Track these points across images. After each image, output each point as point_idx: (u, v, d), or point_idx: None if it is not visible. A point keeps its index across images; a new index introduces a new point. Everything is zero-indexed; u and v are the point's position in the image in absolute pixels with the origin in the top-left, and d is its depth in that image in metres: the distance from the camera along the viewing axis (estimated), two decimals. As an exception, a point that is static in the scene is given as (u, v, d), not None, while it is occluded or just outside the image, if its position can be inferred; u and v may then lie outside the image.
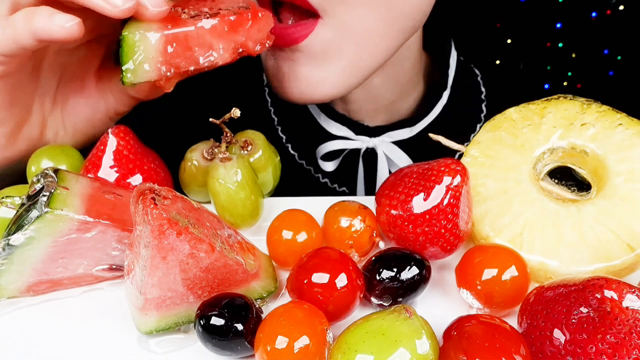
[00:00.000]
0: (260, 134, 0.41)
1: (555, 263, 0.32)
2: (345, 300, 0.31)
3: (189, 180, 0.40)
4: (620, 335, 0.25)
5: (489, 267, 0.31)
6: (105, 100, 0.44)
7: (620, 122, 0.35)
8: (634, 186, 0.33)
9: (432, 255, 0.34)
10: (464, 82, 0.58)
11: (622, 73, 0.73)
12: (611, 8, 0.71)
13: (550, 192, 0.35)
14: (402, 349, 0.26)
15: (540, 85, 0.73)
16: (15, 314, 0.33)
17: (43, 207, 0.31)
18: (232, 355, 0.30)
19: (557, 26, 0.72)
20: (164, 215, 0.28)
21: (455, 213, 0.33)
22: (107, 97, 0.44)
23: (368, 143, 0.55)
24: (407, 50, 0.53)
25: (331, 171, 0.57)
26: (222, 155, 0.37)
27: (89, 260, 0.34)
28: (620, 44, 0.73)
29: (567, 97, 0.37)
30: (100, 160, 0.38)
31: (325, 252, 0.32)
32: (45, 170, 0.33)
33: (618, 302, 0.26)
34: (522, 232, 0.33)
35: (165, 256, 0.29)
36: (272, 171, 0.41)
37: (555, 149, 0.36)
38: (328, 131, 0.56)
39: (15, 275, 0.32)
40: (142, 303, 0.30)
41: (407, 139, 0.56)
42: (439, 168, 0.33)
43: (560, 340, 0.26)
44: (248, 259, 0.32)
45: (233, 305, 0.29)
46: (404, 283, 0.31)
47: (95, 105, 0.44)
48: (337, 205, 0.36)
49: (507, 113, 0.38)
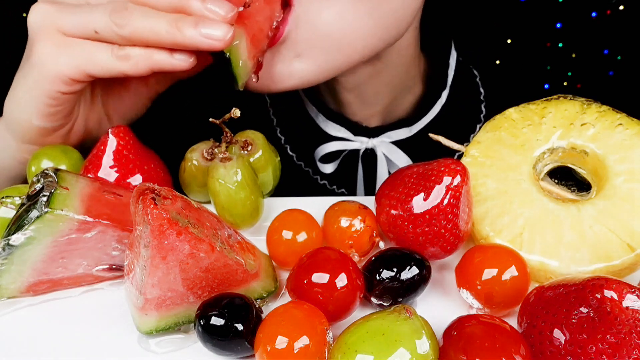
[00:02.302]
0: (260, 134, 0.41)
1: (555, 263, 0.32)
2: (345, 300, 0.31)
3: (189, 180, 0.40)
4: (620, 335, 0.25)
5: (489, 267, 0.31)
6: (146, 84, 0.46)
7: (620, 122, 0.35)
8: (634, 186, 0.33)
9: (432, 255, 0.34)
10: (463, 82, 0.58)
11: (622, 73, 0.73)
12: (611, 8, 0.71)
13: (550, 192, 0.35)
14: (402, 349, 0.26)
15: (540, 85, 0.73)
16: (15, 314, 0.33)
17: (43, 207, 0.31)
18: (232, 355, 0.30)
19: (557, 26, 0.72)
20: (164, 215, 0.28)
21: (455, 213, 0.33)
22: (149, 81, 0.45)
23: (367, 144, 0.55)
24: (399, 56, 0.52)
25: (330, 173, 0.57)
26: (222, 155, 0.37)
27: (89, 260, 0.34)
28: (620, 44, 0.73)
29: (567, 97, 0.37)
30: (100, 160, 0.38)
31: (325, 252, 0.32)
32: (45, 170, 0.33)
33: (618, 302, 0.26)
34: (522, 232, 0.33)
35: (165, 256, 0.29)
36: (272, 171, 0.41)
37: (555, 149, 0.36)
38: (326, 132, 0.56)
39: (15, 275, 0.32)
40: (142, 303, 0.30)
41: (406, 138, 0.56)
42: (439, 168, 0.33)
43: (560, 340, 0.26)
44: (248, 259, 0.32)
45: (233, 305, 0.29)
46: (404, 283, 0.31)
47: (138, 91, 0.46)
48: (337, 206, 0.36)
49: (507, 113, 0.38)
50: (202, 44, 0.35)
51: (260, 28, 0.39)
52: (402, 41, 0.50)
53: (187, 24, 0.35)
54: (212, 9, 0.36)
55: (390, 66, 0.52)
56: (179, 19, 0.35)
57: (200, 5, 0.36)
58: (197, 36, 0.35)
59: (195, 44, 0.35)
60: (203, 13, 0.36)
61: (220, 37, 0.35)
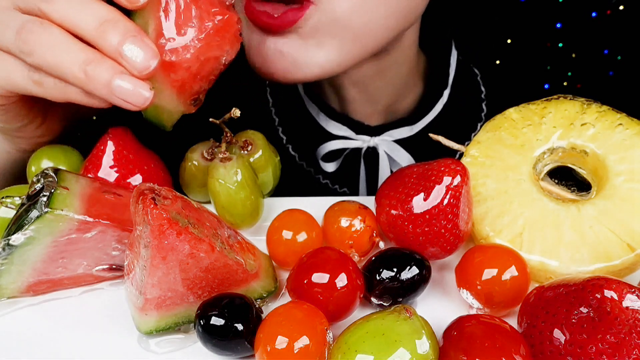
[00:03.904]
0: (260, 134, 0.41)
1: (555, 263, 0.32)
2: (345, 300, 0.31)
3: (189, 180, 0.40)
4: (620, 335, 0.25)
5: (489, 267, 0.31)
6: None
7: (620, 122, 0.35)
8: (634, 186, 0.33)
9: (432, 255, 0.34)
10: (464, 81, 0.58)
11: (622, 73, 0.74)
12: (611, 8, 0.71)
13: (550, 192, 0.35)
14: (402, 349, 0.26)
15: (540, 85, 0.73)
16: (15, 314, 0.33)
17: (43, 207, 0.31)
18: (232, 355, 0.30)
19: (557, 26, 0.72)
20: (164, 215, 0.28)
21: (455, 213, 0.33)
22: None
23: (369, 142, 0.55)
24: (404, 53, 0.52)
25: (332, 172, 0.56)
26: (222, 155, 0.37)
27: (89, 260, 0.34)
28: (620, 44, 0.73)
29: (567, 97, 0.37)
30: (100, 160, 0.38)
31: (325, 252, 0.32)
32: (45, 170, 0.33)
33: (618, 302, 0.26)
34: (522, 232, 0.33)
35: (165, 256, 0.29)
36: (272, 171, 0.41)
37: (555, 149, 0.36)
38: (328, 131, 0.56)
39: (15, 275, 0.32)
40: (142, 303, 0.30)
41: (408, 137, 0.56)
42: (439, 168, 0.33)
43: (560, 340, 0.26)
44: (248, 259, 0.32)
45: (233, 305, 0.29)
46: (404, 283, 0.31)
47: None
48: (337, 206, 0.36)
49: (507, 113, 0.38)
50: (114, 101, 0.32)
51: (195, 73, 0.35)
52: (405, 39, 0.51)
53: (97, 73, 0.31)
54: (128, 56, 0.31)
55: (394, 63, 0.52)
56: (90, 63, 0.31)
57: (116, 45, 0.31)
58: (107, 92, 0.31)
59: (105, 98, 0.32)
60: (117, 58, 0.31)
61: (134, 102, 0.32)
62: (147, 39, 0.32)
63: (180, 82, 0.34)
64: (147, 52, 0.31)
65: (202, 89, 0.36)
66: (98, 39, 0.32)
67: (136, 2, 0.32)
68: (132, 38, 0.31)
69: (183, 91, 0.35)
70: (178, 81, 0.34)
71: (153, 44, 0.32)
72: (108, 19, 0.32)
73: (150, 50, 0.32)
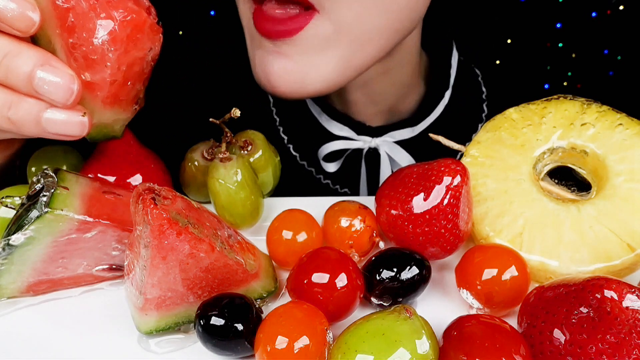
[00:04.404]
0: (260, 134, 0.41)
1: (555, 263, 0.32)
2: (345, 300, 0.31)
3: (189, 180, 0.40)
4: (620, 335, 0.25)
5: (489, 267, 0.31)
6: None
7: (620, 122, 0.35)
8: (634, 186, 0.33)
9: (432, 255, 0.34)
10: (465, 82, 0.58)
11: (622, 73, 0.74)
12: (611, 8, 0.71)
13: (550, 192, 0.35)
14: (402, 349, 0.26)
15: (540, 85, 0.73)
16: (15, 314, 0.33)
17: (43, 207, 0.31)
18: (232, 355, 0.30)
19: (557, 26, 0.72)
20: (164, 215, 0.28)
21: (455, 213, 0.33)
22: None
23: (370, 143, 0.55)
24: (407, 54, 0.52)
25: (333, 172, 0.57)
26: (222, 155, 0.37)
27: (89, 260, 0.34)
28: (620, 44, 0.73)
29: (567, 97, 0.37)
30: (100, 160, 0.38)
31: (325, 252, 0.32)
32: (45, 170, 0.33)
33: (618, 302, 0.26)
34: (522, 232, 0.33)
35: (165, 256, 0.29)
36: (272, 171, 0.41)
37: (555, 149, 0.36)
38: (329, 131, 0.56)
39: (15, 275, 0.32)
40: (142, 303, 0.30)
41: (409, 138, 0.56)
42: (439, 168, 0.33)
43: (560, 340, 0.26)
44: (248, 259, 0.32)
45: (233, 305, 0.29)
46: (404, 283, 0.31)
47: None
48: (337, 206, 0.36)
49: (507, 113, 0.38)
50: (50, 137, 0.29)
51: (123, 82, 0.32)
52: (408, 40, 0.51)
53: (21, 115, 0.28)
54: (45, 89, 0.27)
55: (398, 64, 0.52)
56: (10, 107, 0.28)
57: (26, 81, 0.27)
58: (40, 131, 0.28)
59: (41, 136, 0.29)
60: (33, 94, 0.27)
61: (72, 132, 0.29)
62: (58, 62, 0.28)
63: (111, 96, 0.32)
64: (64, 77, 0.28)
65: (139, 91, 0.34)
66: (5, 78, 0.28)
67: (28, 26, 0.27)
68: (40, 68, 0.27)
69: (119, 102, 0.33)
70: (109, 97, 0.32)
71: (66, 66, 0.28)
72: (6, 52, 0.27)
73: (66, 75, 0.28)
